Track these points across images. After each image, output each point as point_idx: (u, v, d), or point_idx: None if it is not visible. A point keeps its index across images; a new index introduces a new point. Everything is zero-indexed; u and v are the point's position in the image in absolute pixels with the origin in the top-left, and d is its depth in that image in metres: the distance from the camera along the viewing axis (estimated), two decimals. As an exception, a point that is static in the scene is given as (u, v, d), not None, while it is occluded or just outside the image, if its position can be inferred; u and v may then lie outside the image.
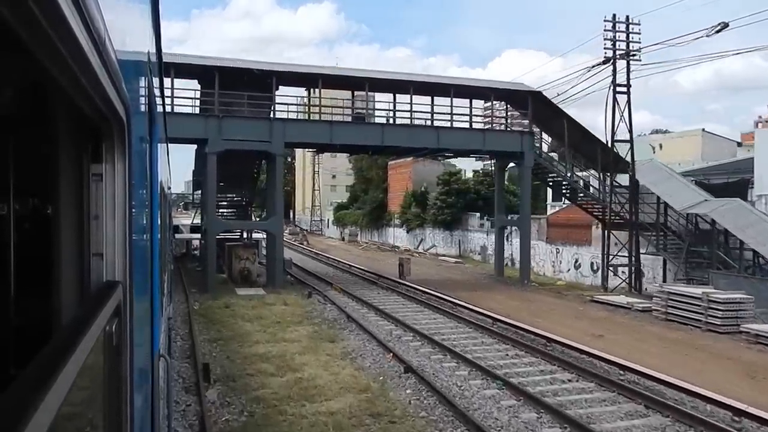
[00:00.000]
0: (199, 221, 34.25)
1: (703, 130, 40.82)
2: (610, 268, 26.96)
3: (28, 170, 2.15)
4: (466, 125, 27.56)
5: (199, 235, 34.91)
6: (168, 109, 21.25)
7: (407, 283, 25.44)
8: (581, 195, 28.91)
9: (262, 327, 16.13)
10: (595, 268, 33.87)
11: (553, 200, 52.59)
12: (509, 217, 30.87)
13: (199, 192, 35.01)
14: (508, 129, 28.84)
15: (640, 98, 52.68)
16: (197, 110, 24.42)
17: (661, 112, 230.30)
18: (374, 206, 61.55)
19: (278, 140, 23.72)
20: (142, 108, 1.93)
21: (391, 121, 26.91)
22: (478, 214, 46.44)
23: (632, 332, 17.49)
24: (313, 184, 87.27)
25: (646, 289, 26.15)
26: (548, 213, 50.69)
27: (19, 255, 2.10)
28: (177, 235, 35.77)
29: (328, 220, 78.89)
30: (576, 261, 35.54)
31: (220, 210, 30.99)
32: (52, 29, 0.74)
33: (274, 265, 24.44)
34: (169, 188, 9.92)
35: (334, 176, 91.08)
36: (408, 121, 26.27)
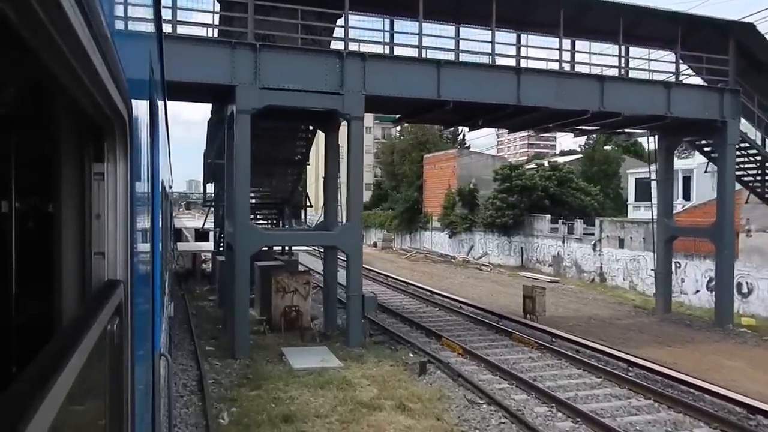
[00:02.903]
0: (212, 225, 24.20)
1: None
2: None
3: (29, 169, 2.12)
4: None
5: (209, 245, 24.98)
6: (168, 29, 11.60)
7: (551, 330, 15.52)
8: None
9: None
10: (744, 290, 25.50)
11: (636, 199, 43.00)
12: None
13: (212, 185, 24.76)
14: (692, 84, 18.52)
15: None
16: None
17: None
18: (407, 206, 52.11)
19: (355, 91, 13.56)
20: (144, 105, 1.85)
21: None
22: (548, 217, 37.38)
23: None
24: (332, 181, 77.42)
25: None
26: (630, 214, 41.48)
27: (21, 253, 2.07)
28: (180, 245, 25.65)
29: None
30: (710, 280, 26.93)
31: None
32: (53, 27, 0.72)
33: (339, 303, 14.51)
34: (170, 186, 8.67)
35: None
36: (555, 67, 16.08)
